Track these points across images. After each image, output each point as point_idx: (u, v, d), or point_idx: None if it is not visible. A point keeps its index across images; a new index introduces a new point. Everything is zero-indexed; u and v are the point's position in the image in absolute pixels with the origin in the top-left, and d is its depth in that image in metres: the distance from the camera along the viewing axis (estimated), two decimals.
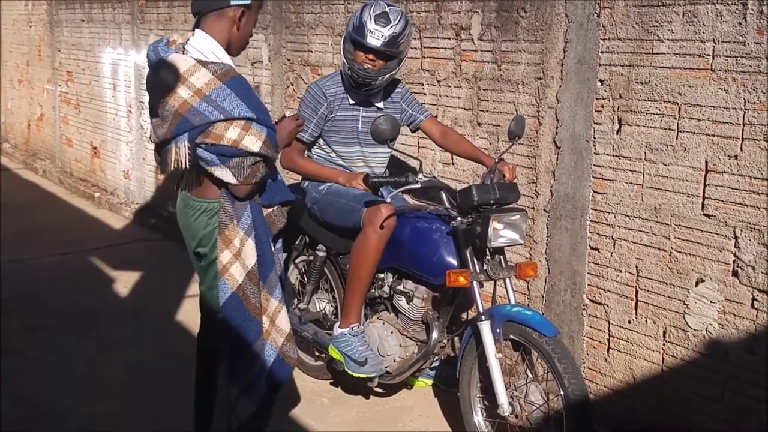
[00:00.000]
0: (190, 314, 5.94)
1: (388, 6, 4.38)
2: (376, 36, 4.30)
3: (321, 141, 4.65)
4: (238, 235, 3.42)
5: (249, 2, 3.49)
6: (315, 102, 4.54)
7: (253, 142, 3.31)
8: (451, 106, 5.23)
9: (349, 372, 4.45)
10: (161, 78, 3.37)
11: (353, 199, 4.40)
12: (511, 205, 4.11)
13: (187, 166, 3.38)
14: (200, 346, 3.78)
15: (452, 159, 5.24)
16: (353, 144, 4.62)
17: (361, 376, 4.43)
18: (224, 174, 3.33)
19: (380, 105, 4.64)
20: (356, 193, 4.41)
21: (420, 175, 4.13)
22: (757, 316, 3.72)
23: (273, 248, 3.63)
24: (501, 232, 3.97)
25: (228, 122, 3.29)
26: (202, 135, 3.30)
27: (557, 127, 4.53)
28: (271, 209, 3.59)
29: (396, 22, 4.33)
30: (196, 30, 3.48)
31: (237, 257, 3.43)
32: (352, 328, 4.47)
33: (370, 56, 4.37)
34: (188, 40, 3.46)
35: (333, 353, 4.52)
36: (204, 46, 3.42)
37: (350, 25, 4.42)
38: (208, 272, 3.53)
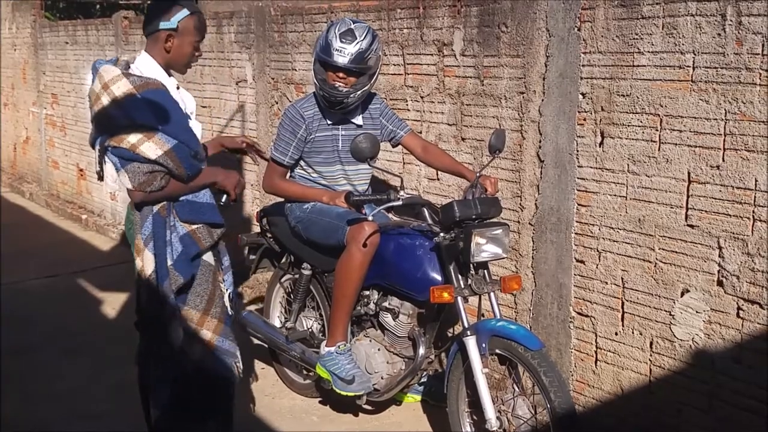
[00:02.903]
0: None
1: (353, 23, 4.38)
2: (343, 54, 4.29)
3: (302, 162, 4.64)
4: (141, 245, 3.60)
5: (174, 26, 3.65)
6: (293, 125, 4.53)
7: (152, 149, 3.46)
8: (434, 122, 5.25)
9: (337, 390, 4.43)
10: (92, 89, 3.57)
11: (336, 217, 4.40)
12: (493, 220, 4.11)
13: (99, 168, 3.61)
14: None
15: (437, 174, 5.26)
16: (334, 163, 4.61)
17: (349, 394, 4.41)
18: (123, 178, 3.50)
19: (359, 122, 4.63)
20: (339, 211, 4.41)
21: (402, 192, 4.13)
22: (742, 325, 3.74)
23: (219, 264, 3.80)
24: (484, 247, 3.97)
25: (132, 128, 3.46)
26: (109, 139, 3.49)
27: (540, 141, 4.54)
28: (196, 226, 3.67)
29: (362, 38, 4.31)
30: (142, 50, 3.72)
31: (144, 267, 3.63)
32: (339, 346, 4.45)
33: (340, 74, 4.36)
34: (135, 59, 3.67)
35: (320, 372, 4.51)
36: (143, 64, 3.65)
37: (317, 46, 4.42)
38: None
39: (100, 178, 3.70)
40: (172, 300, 3.61)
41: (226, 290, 3.80)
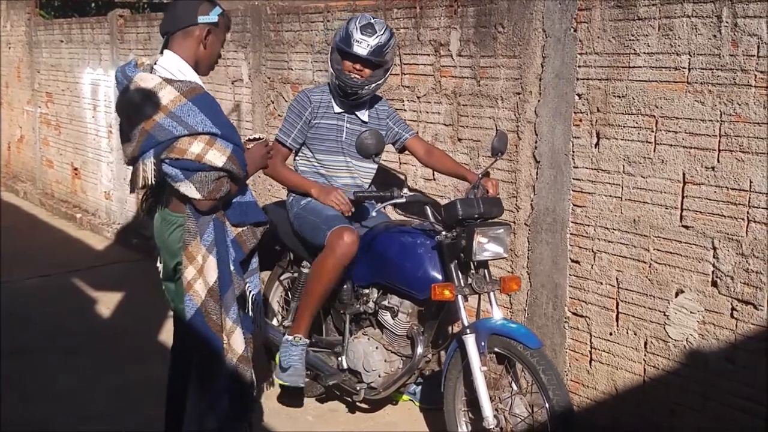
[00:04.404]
0: (172, 335, 5.91)
1: (373, 18, 4.49)
2: (363, 45, 4.38)
3: (305, 150, 4.68)
4: (201, 252, 3.46)
5: (216, 20, 3.54)
6: (300, 107, 4.60)
7: (217, 157, 3.35)
8: (431, 122, 5.26)
9: (274, 377, 4.58)
10: (129, 97, 3.42)
11: (324, 219, 4.44)
12: (495, 219, 4.13)
13: (153, 183, 3.42)
14: (173, 361, 3.82)
15: (433, 174, 5.27)
16: (337, 153, 4.64)
17: (280, 382, 4.55)
18: (188, 189, 3.36)
19: (364, 117, 4.67)
20: (328, 214, 4.44)
21: (405, 190, 4.16)
22: (736, 325, 3.76)
23: (241, 268, 3.64)
24: (485, 246, 3.99)
25: (192, 137, 3.34)
26: (166, 150, 3.34)
27: (536, 142, 4.56)
28: (241, 229, 3.59)
29: (381, 32, 4.42)
30: (165, 51, 3.53)
31: (200, 274, 3.47)
32: (295, 338, 4.55)
33: (357, 66, 4.44)
34: (156, 61, 3.50)
35: (277, 359, 4.64)
36: (171, 65, 3.46)
37: (337, 36, 4.51)
38: (178, 286, 3.58)
39: (132, 190, 3.56)
40: (236, 308, 3.55)
41: (250, 293, 3.71)
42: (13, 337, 6.04)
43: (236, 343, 3.59)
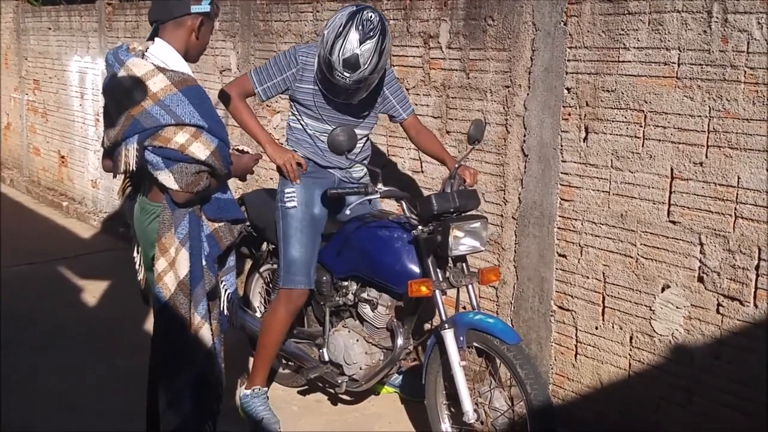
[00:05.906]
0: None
1: (360, 43, 4.01)
2: (345, 77, 4.06)
3: (293, 108, 4.48)
4: (174, 245, 3.43)
5: (208, 10, 3.52)
6: (285, 64, 4.35)
7: (201, 150, 3.33)
8: (419, 114, 5.21)
9: None
10: (120, 81, 3.39)
11: (286, 261, 4.45)
12: (471, 213, 4.11)
13: (134, 169, 3.38)
14: (153, 351, 3.79)
15: (421, 167, 5.26)
16: (319, 120, 4.42)
17: None
18: (167, 178, 3.33)
19: None
20: (294, 255, 4.43)
21: (379, 185, 4.11)
22: (722, 321, 3.76)
23: (216, 265, 3.61)
24: (462, 240, 3.96)
25: (178, 127, 3.31)
26: (151, 138, 3.31)
27: (525, 135, 4.55)
28: (218, 225, 3.57)
29: (366, 64, 4.03)
30: (156, 39, 3.50)
31: (171, 266, 3.44)
32: (254, 390, 4.58)
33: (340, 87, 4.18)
34: (147, 48, 3.47)
35: (242, 415, 4.61)
36: (163, 54, 3.43)
37: (320, 50, 4.12)
38: (151, 276, 3.57)
39: (116, 176, 3.54)
40: (205, 303, 3.51)
41: (225, 291, 3.68)
42: None
43: (204, 339, 3.55)
